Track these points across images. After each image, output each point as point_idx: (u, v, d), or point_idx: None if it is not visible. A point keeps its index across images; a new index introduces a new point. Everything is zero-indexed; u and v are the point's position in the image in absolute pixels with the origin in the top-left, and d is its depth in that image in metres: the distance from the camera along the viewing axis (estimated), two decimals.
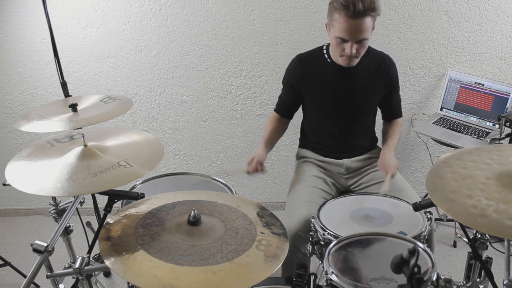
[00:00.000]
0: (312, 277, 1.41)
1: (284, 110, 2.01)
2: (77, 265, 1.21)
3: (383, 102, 1.98)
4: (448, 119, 2.66)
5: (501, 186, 1.02)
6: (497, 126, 2.47)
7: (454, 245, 2.59)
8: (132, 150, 1.38)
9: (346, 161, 1.96)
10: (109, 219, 1.22)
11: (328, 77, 1.86)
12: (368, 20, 1.63)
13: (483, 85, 2.57)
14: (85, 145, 1.34)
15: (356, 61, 1.76)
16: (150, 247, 1.09)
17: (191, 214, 1.18)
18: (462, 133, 2.53)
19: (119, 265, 1.03)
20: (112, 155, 1.33)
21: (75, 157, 1.31)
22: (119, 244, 1.10)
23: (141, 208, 1.28)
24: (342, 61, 1.77)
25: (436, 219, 1.74)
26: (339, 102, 1.89)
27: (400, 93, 2.02)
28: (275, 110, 2.04)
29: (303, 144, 2.10)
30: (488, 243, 1.54)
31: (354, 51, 1.68)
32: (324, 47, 1.89)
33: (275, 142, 2.01)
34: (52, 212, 1.76)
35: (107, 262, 1.04)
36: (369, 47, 1.89)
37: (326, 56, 1.87)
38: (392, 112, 2.04)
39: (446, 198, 1.03)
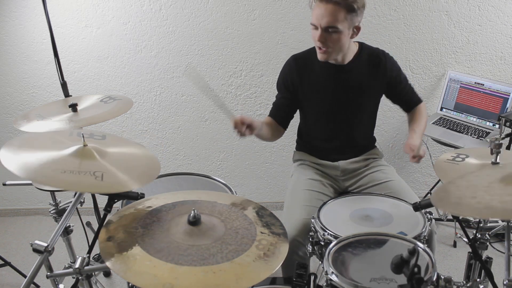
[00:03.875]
0: (312, 277, 1.41)
1: (278, 117, 1.92)
2: (77, 265, 1.21)
3: (394, 98, 1.96)
4: (448, 119, 2.66)
5: (504, 185, 1.03)
6: (497, 126, 2.47)
7: (454, 245, 2.59)
8: (126, 165, 1.32)
9: (342, 163, 1.95)
10: (109, 219, 1.22)
11: (323, 76, 1.85)
12: (336, 9, 1.61)
13: (483, 85, 2.57)
14: (85, 145, 1.34)
15: (328, 56, 1.74)
16: (150, 247, 1.09)
17: (191, 214, 1.18)
18: (462, 133, 2.53)
19: (119, 265, 1.03)
20: (100, 163, 1.27)
21: (69, 151, 1.29)
22: (119, 244, 1.10)
23: (141, 208, 1.28)
24: (318, 54, 1.75)
25: (436, 219, 1.73)
26: (335, 101, 1.88)
27: None
28: (270, 115, 1.94)
29: (299, 146, 2.08)
30: (488, 243, 1.54)
31: (321, 38, 1.67)
32: None
33: (264, 133, 1.81)
34: (52, 212, 1.76)
35: (107, 262, 1.04)
36: (364, 45, 1.88)
37: None
38: (408, 102, 1.98)
39: (451, 202, 1.04)
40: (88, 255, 1.28)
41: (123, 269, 1.02)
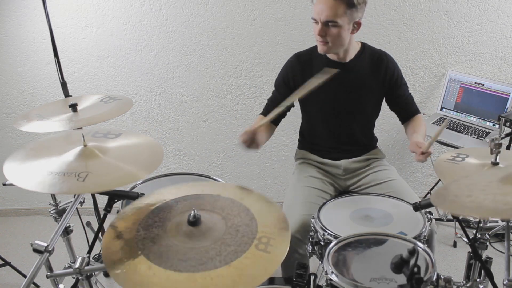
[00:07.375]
0: (312, 277, 1.41)
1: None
2: (77, 265, 1.21)
3: (393, 103, 1.95)
4: (448, 119, 2.66)
5: (502, 184, 1.03)
6: (497, 126, 2.47)
7: (454, 245, 2.59)
8: (129, 157, 1.33)
9: (344, 162, 1.95)
10: (112, 221, 1.21)
11: None
12: (336, 4, 1.63)
13: (483, 85, 2.57)
14: (85, 145, 1.34)
15: (329, 49, 1.74)
16: (150, 252, 1.08)
17: (191, 214, 1.17)
18: (462, 133, 2.53)
19: (120, 274, 1.02)
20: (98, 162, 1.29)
21: (71, 154, 1.30)
22: (121, 250, 1.09)
23: (142, 207, 1.27)
24: (318, 46, 1.76)
25: (436, 219, 1.73)
26: (336, 99, 1.88)
27: None
28: (262, 113, 1.95)
29: (302, 145, 2.09)
30: (488, 243, 1.54)
31: (321, 32, 1.68)
32: None
33: (263, 141, 1.83)
34: (52, 212, 1.76)
35: (111, 273, 1.03)
36: (366, 45, 1.89)
37: None
38: (406, 110, 1.96)
39: (447, 200, 1.04)
40: (88, 255, 1.28)
41: (123, 278, 1.01)
